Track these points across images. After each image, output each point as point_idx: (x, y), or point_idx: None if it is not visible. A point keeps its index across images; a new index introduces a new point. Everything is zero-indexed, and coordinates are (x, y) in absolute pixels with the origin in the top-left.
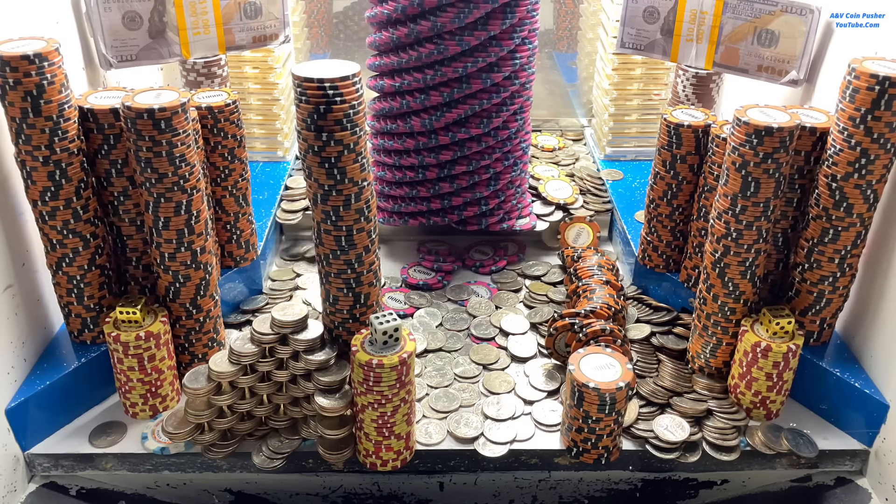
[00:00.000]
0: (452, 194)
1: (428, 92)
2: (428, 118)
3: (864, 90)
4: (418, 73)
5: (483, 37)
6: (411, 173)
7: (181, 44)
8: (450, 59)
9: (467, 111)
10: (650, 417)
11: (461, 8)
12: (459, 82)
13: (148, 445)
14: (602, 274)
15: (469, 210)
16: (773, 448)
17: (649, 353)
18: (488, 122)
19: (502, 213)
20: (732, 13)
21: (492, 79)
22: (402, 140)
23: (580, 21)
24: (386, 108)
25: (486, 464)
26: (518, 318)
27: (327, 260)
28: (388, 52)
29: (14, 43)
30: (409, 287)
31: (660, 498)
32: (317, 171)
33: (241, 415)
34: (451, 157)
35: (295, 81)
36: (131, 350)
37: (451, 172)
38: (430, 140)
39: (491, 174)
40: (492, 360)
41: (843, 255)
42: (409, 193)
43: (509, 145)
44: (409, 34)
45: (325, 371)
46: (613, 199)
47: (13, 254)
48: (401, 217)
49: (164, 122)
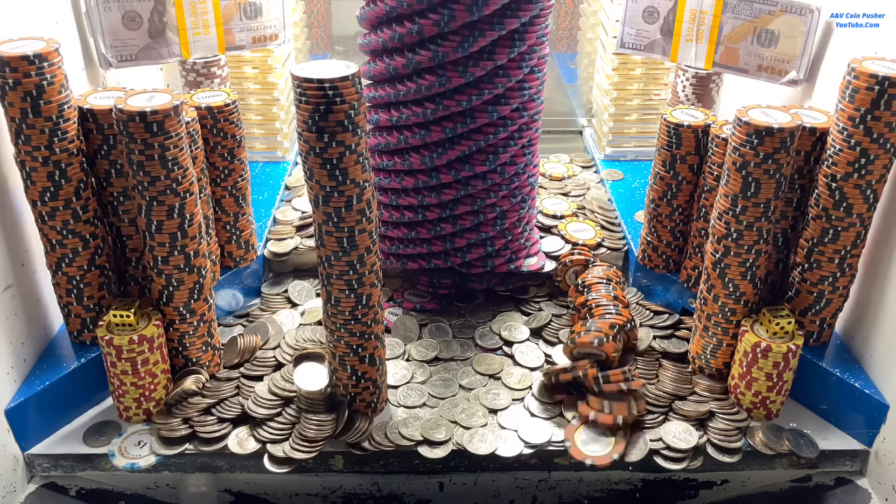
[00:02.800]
0: (455, 235)
1: (428, 127)
2: (428, 155)
3: (864, 90)
4: (417, 107)
5: (489, 67)
6: (410, 213)
7: (181, 44)
8: (452, 91)
9: (472, 147)
10: (655, 424)
11: (465, 36)
12: (463, 116)
13: (117, 463)
14: (610, 288)
15: (473, 252)
16: (774, 448)
17: (651, 360)
18: (494, 159)
19: (509, 252)
20: (732, 13)
21: (499, 112)
22: (400, 178)
23: (580, 21)
24: (382, 143)
25: (486, 464)
26: (519, 326)
27: (329, 262)
28: (384, 83)
29: (14, 43)
30: (405, 310)
31: (660, 498)
32: (318, 173)
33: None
34: (454, 197)
35: (294, 82)
36: (124, 354)
37: (454, 212)
38: (431, 178)
39: (497, 213)
40: (497, 369)
41: (843, 256)
42: (408, 235)
43: (517, 181)
44: (408, 64)
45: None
46: (614, 200)
47: (13, 254)
48: (398, 259)
49: (156, 125)
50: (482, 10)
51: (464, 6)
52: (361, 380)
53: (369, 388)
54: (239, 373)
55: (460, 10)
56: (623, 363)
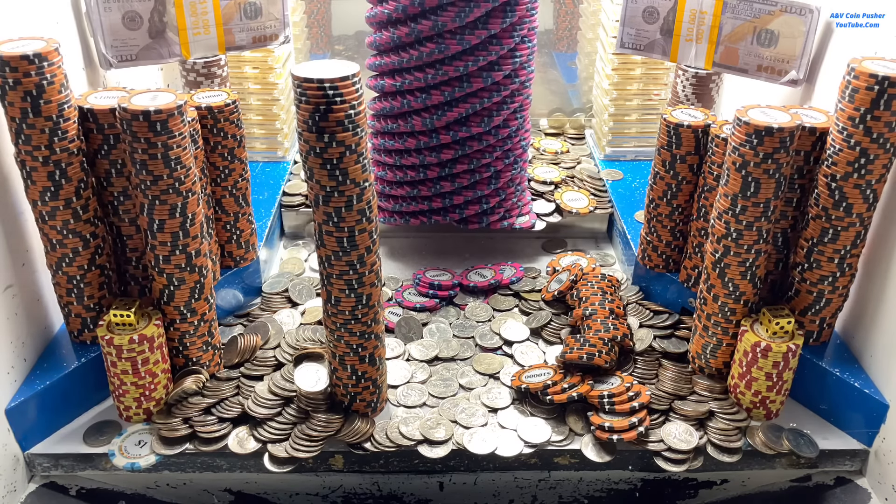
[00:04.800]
0: (453, 193)
1: (429, 91)
2: (429, 117)
3: (864, 90)
4: (419, 73)
5: (483, 35)
6: (412, 172)
7: (181, 44)
8: (451, 57)
9: (468, 110)
10: (655, 426)
11: (462, 7)
12: (460, 81)
13: (116, 463)
14: (606, 300)
15: (470, 209)
16: (774, 448)
17: (650, 360)
18: (489, 121)
19: (503, 210)
20: (732, 13)
21: (492, 77)
22: (403, 139)
23: (580, 21)
24: (387, 107)
25: (486, 464)
26: (518, 325)
27: (329, 261)
28: (389, 51)
29: (14, 43)
30: (405, 308)
31: (659, 498)
32: (318, 173)
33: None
34: (453, 156)
35: (294, 82)
36: (125, 353)
37: (453, 171)
38: (431, 139)
39: (492, 172)
40: (496, 369)
41: (843, 255)
42: (410, 193)
43: (509, 143)
44: (410, 33)
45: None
46: (614, 200)
47: (13, 254)
48: (402, 216)
49: (159, 125)
50: None
51: None
52: (361, 379)
53: (369, 387)
54: (239, 372)
55: None
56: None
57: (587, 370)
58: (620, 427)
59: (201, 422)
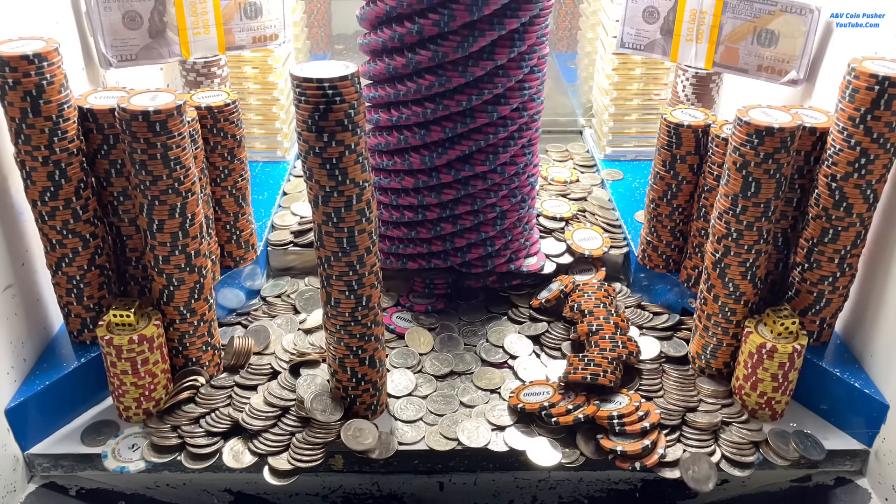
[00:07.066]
0: (455, 235)
1: (428, 126)
2: (428, 155)
3: (864, 90)
4: (417, 107)
5: (489, 67)
6: (410, 213)
7: (181, 44)
8: (452, 91)
9: (471, 147)
10: (670, 443)
11: (465, 36)
12: (463, 116)
13: (108, 465)
14: (610, 314)
15: (473, 251)
16: (785, 457)
17: (653, 368)
18: (494, 158)
19: (509, 252)
20: (732, 13)
21: (499, 111)
22: (400, 178)
23: (580, 21)
24: (382, 143)
25: (486, 464)
26: (519, 338)
27: (328, 262)
28: (384, 82)
29: (14, 43)
30: (415, 314)
31: (660, 498)
32: (318, 173)
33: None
34: (454, 196)
35: (294, 82)
36: (124, 353)
37: (454, 212)
38: (431, 178)
39: (497, 213)
40: (497, 384)
41: (843, 255)
42: (408, 234)
43: (517, 181)
44: (408, 64)
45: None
46: (624, 230)
47: (13, 254)
48: (398, 259)
49: (159, 125)
50: (482, 9)
51: (464, 6)
52: (361, 382)
53: (369, 390)
54: (233, 381)
55: (460, 9)
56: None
57: (591, 389)
58: (634, 451)
59: (190, 433)
